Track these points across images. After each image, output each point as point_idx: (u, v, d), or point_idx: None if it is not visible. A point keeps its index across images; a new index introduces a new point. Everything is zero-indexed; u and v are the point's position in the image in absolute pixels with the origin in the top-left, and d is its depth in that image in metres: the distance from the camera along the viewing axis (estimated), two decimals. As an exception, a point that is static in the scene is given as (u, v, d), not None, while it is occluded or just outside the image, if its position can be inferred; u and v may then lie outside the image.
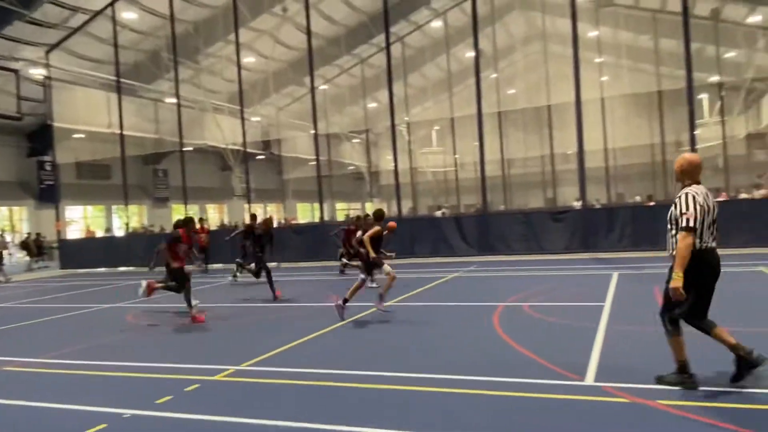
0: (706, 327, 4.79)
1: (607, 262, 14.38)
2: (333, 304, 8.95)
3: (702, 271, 4.65)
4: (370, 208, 43.96)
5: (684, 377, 4.84)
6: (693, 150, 16.83)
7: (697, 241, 4.60)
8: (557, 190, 35.63)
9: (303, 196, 42.12)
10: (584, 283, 11.15)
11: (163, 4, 22.56)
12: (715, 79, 27.67)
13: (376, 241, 8.86)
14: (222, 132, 29.43)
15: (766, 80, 28.09)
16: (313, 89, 20.76)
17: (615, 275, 11.89)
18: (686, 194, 4.67)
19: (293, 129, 35.04)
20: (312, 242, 19.63)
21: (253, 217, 13.54)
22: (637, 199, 28.81)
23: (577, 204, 19.73)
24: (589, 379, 5.17)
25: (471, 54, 19.75)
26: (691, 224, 4.54)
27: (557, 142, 31.60)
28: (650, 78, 28.37)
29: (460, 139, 33.73)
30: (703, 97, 29.39)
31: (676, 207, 4.70)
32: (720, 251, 4.78)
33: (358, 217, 14.59)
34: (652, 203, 21.54)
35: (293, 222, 33.01)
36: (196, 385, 5.69)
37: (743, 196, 22.16)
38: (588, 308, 8.51)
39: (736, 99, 29.36)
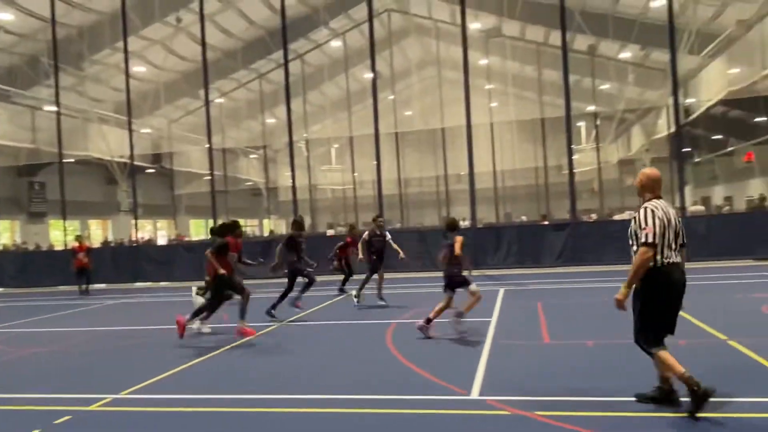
0: (650, 351, 4.69)
1: (494, 279, 15.07)
2: (237, 326, 8.71)
3: (660, 287, 4.54)
4: (267, 225, 43.20)
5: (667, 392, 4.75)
6: (571, 173, 18.16)
7: (658, 256, 4.50)
8: (451, 209, 36.94)
9: (196, 212, 40.56)
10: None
11: (44, 6, 21.09)
12: (591, 108, 30.12)
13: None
14: (108, 143, 27.76)
15: (635, 111, 30.94)
16: (207, 102, 20.24)
17: (501, 291, 12.49)
18: (645, 209, 4.60)
19: (186, 142, 33.77)
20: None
21: (298, 225, 11.72)
22: (524, 219, 30.54)
23: (465, 223, 20.56)
24: (474, 393, 5.38)
25: (369, 75, 20.19)
26: (650, 239, 4.45)
27: (451, 163, 32.83)
28: (534, 105, 30.35)
29: (359, 157, 34.13)
30: (581, 125, 31.85)
31: (635, 222, 4.62)
32: (593, 268, 5.16)
33: (351, 227, 14.11)
34: (545, 222, 22.86)
35: (184, 239, 31.66)
36: (68, 417, 5.28)
37: (616, 217, 24.16)
38: (476, 324, 8.85)
39: (609, 128, 32.06)
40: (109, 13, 24.16)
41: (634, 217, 4.69)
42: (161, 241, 35.29)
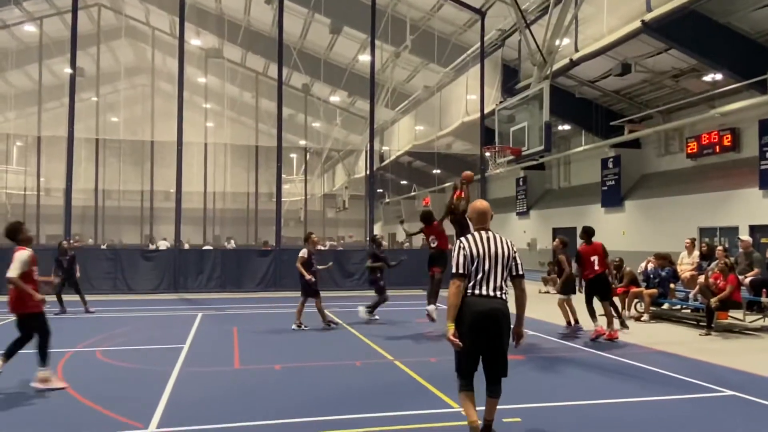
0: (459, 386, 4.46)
1: (194, 303, 14.67)
2: None
3: (463, 319, 4.34)
4: None
5: None
6: (278, 201, 18.90)
7: (470, 287, 4.36)
8: (155, 228, 34.80)
9: None
10: (168, 325, 11.10)
11: None
12: (303, 143, 31.94)
13: None
14: None
15: (340, 151, 33.85)
16: None
17: (199, 316, 12.23)
18: (457, 241, 4.53)
19: None
20: None
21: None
22: (233, 243, 30.45)
23: (165, 243, 19.70)
24: (153, 426, 5.14)
25: (69, 71, 18.00)
26: (454, 269, 4.37)
27: (158, 179, 31.10)
28: (251, 132, 30.88)
29: (48, 160, 29.90)
30: (293, 156, 33.52)
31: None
32: (291, 293, 5.36)
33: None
34: (269, 248, 23.00)
35: None
36: None
37: (320, 247, 25.80)
38: (166, 350, 8.49)
39: (318, 163, 34.41)
40: None
41: None
42: None
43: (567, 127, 24.44)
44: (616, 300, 12.56)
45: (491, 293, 4.35)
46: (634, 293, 12.03)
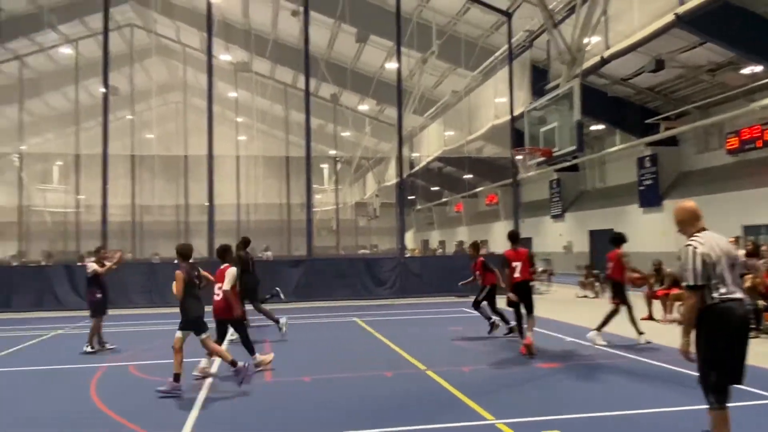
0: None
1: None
2: None
3: (716, 328, 3.97)
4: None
5: None
6: (309, 211, 18.96)
7: (714, 293, 3.99)
8: (191, 241, 35.31)
9: None
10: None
11: None
12: (333, 152, 32.08)
13: None
14: None
15: (370, 159, 33.90)
16: None
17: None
18: (686, 246, 4.14)
19: None
20: None
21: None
22: (269, 254, 30.67)
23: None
24: (182, 440, 5.12)
25: (103, 90, 18.47)
26: (691, 282, 4.02)
27: (193, 193, 31.62)
28: (281, 144, 31.16)
29: (87, 178, 30.69)
30: (324, 167, 33.67)
31: (680, 260, 4.17)
32: (323, 303, 5.30)
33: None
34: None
35: None
36: None
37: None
38: (198, 363, 8.49)
39: (348, 172, 34.50)
40: None
41: (679, 256, 4.18)
42: None
43: (600, 126, 23.91)
44: (657, 303, 12.16)
45: (739, 296, 4.06)
46: (675, 295, 11.59)
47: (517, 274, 8.82)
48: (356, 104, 30.84)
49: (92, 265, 9.64)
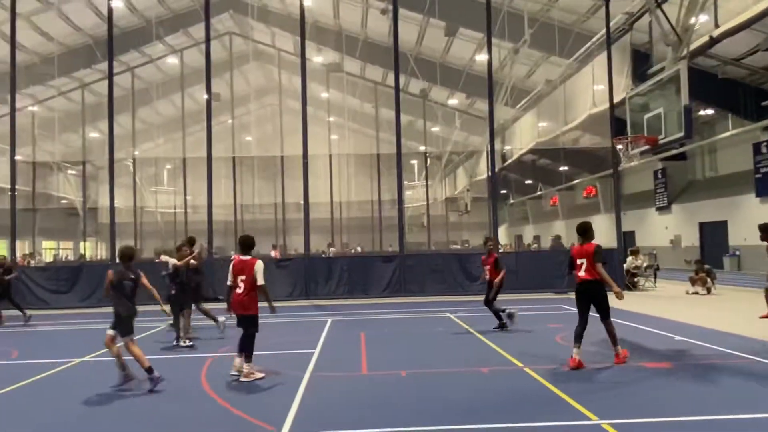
0: None
1: (324, 309, 15.16)
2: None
3: None
4: (85, 248, 39.28)
5: None
6: (400, 208, 19.05)
7: None
8: (288, 238, 36.67)
9: (-2, 232, 35.74)
10: (299, 331, 11.55)
11: None
12: (422, 148, 32.06)
13: None
14: None
15: (460, 153, 33.54)
16: (13, 108, 18.14)
17: (329, 322, 12.58)
18: None
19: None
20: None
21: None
22: (359, 249, 31.28)
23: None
24: (285, 429, 5.29)
25: (206, 97, 19.58)
26: None
27: (289, 192, 32.74)
28: (372, 141, 31.56)
29: (193, 180, 32.64)
30: (414, 163, 33.73)
31: None
32: (416, 299, 5.34)
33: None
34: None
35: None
36: None
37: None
38: (298, 356, 8.78)
39: (438, 167, 34.33)
40: None
41: None
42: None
43: (710, 111, 22.26)
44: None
45: None
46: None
47: (582, 273, 7.51)
48: (446, 99, 30.63)
49: (171, 261, 9.95)
